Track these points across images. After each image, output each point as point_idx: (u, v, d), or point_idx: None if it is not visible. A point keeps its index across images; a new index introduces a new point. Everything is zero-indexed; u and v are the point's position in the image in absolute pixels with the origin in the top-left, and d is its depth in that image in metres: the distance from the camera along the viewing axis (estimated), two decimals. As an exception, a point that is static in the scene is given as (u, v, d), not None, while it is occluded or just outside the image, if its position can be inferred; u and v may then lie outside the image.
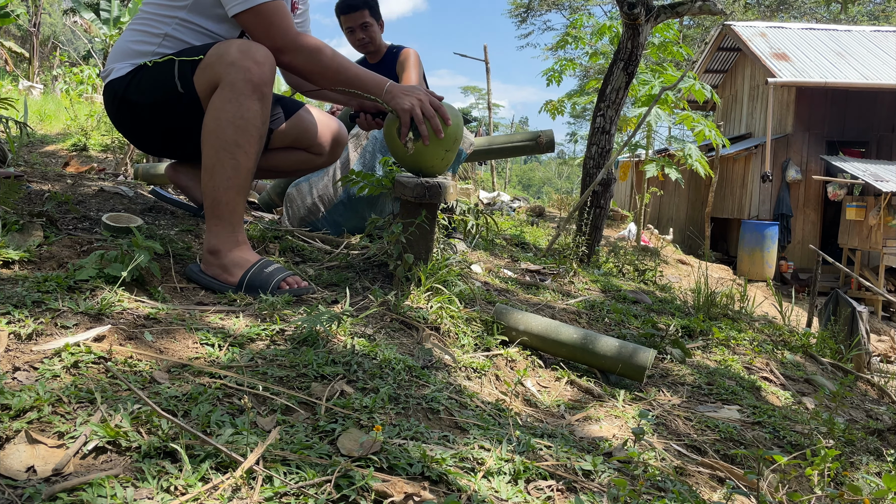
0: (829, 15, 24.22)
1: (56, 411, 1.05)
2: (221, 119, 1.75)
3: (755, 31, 13.85)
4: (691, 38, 23.25)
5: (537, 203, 9.53)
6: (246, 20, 1.87)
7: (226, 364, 1.33)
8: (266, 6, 1.85)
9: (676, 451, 1.57)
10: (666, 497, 1.23)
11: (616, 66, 3.70)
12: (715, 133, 6.54)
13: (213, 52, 1.82)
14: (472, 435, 1.29)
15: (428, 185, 1.95)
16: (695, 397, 2.00)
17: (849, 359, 3.17)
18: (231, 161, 1.76)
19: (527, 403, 1.68)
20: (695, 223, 13.17)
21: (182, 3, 1.97)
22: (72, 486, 0.89)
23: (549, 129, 4.39)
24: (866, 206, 10.82)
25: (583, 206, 3.72)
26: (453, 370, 1.63)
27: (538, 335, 1.93)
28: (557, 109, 8.13)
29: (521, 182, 41.62)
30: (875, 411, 2.34)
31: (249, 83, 1.74)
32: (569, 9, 26.27)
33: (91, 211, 2.37)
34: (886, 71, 12.52)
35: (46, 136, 5.90)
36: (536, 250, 3.86)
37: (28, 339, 1.28)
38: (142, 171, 3.74)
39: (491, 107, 12.91)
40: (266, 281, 1.78)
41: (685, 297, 3.63)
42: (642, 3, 3.52)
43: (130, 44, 2.02)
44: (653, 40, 6.20)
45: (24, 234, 1.84)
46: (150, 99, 1.97)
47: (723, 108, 15.30)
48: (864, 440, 1.89)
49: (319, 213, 2.82)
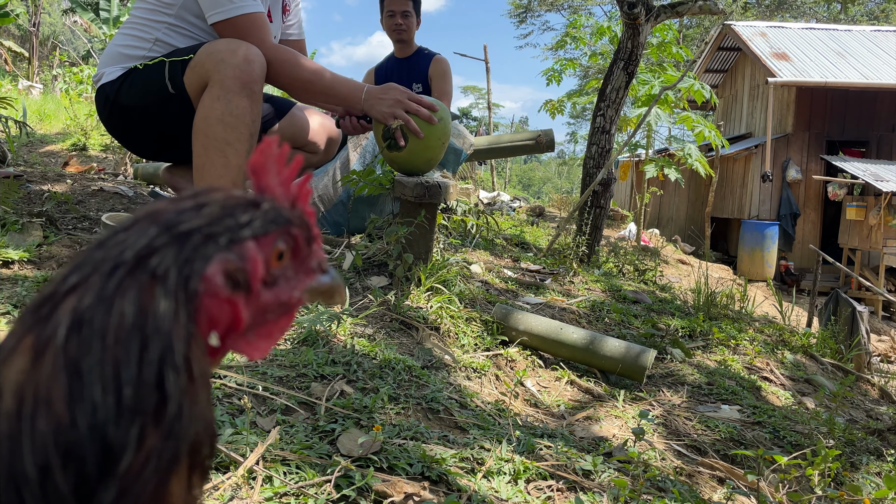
0: (829, 14, 24.23)
1: (56, 411, 1.05)
2: (210, 117, 1.74)
3: (755, 31, 13.84)
4: (691, 37, 23.25)
5: (537, 203, 9.53)
6: (222, 30, 1.88)
7: (225, 364, 1.33)
8: (242, 19, 1.85)
9: (677, 451, 1.57)
10: (666, 497, 1.23)
11: (616, 66, 3.70)
12: (714, 133, 6.54)
13: (202, 51, 1.82)
14: (472, 435, 1.29)
15: (427, 185, 1.94)
16: (695, 397, 1.99)
17: (849, 359, 3.17)
18: (221, 159, 1.75)
19: (527, 403, 1.68)
20: (695, 223, 13.17)
21: (171, 10, 1.97)
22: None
23: (549, 129, 4.39)
24: (866, 206, 10.81)
25: (583, 206, 3.72)
26: (453, 370, 1.63)
27: (538, 335, 1.93)
28: (557, 109, 8.12)
29: (521, 182, 41.62)
30: (875, 411, 2.34)
31: (238, 80, 1.74)
32: (568, 9, 26.27)
33: (91, 211, 2.36)
34: (887, 71, 12.51)
35: (46, 136, 5.90)
36: (537, 250, 3.86)
37: (28, 338, 1.28)
38: (141, 171, 3.74)
39: (491, 106, 12.90)
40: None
41: (685, 297, 3.62)
42: (642, 3, 3.52)
43: (121, 48, 2.02)
44: (652, 40, 6.20)
45: (23, 234, 1.84)
46: (141, 101, 1.96)
47: (723, 107, 15.30)
48: (865, 440, 1.88)
49: (319, 213, 2.82)
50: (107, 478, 0.28)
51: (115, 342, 0.29)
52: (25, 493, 0.27)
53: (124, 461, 0.28)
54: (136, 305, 0.30)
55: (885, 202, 10.28)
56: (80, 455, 0.28)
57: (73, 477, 0.28)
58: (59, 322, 0.29)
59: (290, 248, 0.38)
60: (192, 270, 0.32)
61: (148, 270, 0.31)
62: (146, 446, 0.29)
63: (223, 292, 0.33)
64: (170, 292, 0.31)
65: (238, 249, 0.34)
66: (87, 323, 0.29)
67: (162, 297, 0.31)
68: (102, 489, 0.28)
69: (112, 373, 0.29)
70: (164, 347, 0.30)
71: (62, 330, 0.29)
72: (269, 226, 0.36)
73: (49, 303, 0.30)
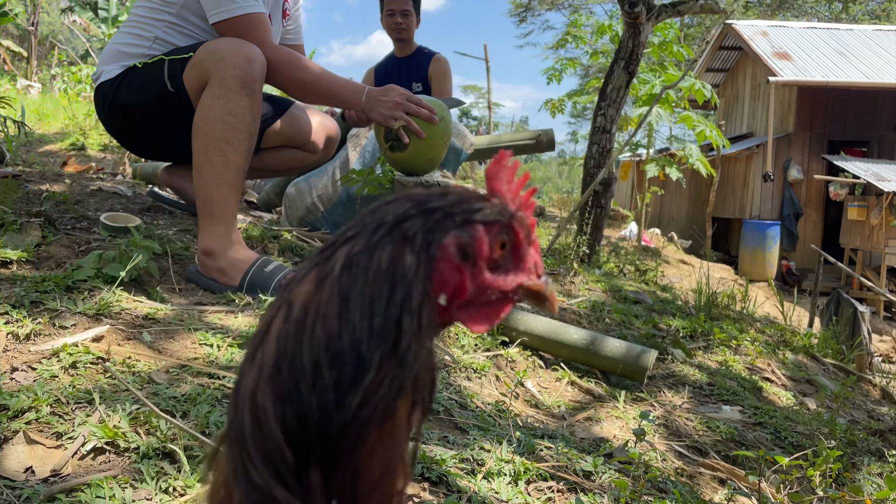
0: (831, 14, 24.21)
1: (54, 412, 1.05)
2: (210, 116, 1.74)
3: (756, 30, 13.83)
4: (692, 37, 23.24)
5: (538, 203, 9.52)
6: (223, 30, 1.87)
7: (224, 364, 1.32)
8: (243, 18, 1.85)
9: (677, 452, 1.57)
10: (667, 498, 1.22)
11: (617, 65, 3.69)
12: (716, 133, 6.53)
13: (202, 50, 1.81)
14: (472, 436, 1.28)
15: (427, 185, 1.94)
16: (696, 398, 1.99)
17: (850, 359, 3.16)
18: (220, 158, 1.75)
19: (527, 404, 1.67)
20: (696, 223, 13.16)
21: (172, 8, 1.97)
22: (70, 486, 0.88)
23: (549, 128, 4.38)
24: (868, 206, 10.80)
25: (584, 206, 3.71)
26: (453, 370, 1.62)
27: (539, 335, 1.93)
28: (558, 108, 8.12)
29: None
30: (877, 412, 2.34)
31: (238, 79, 1.73)
32: (569, 8, 26.25)
33: (89, 211, 2.36)
34: (888, 70, 12.49)
35: (44, 136, 5.89)
36: (537, 250, 3.85)
37: (26, 339, 1.27)
38: (140, 171, 3.73)
39: (491, 106, 12.89)
40: (267, 281, 1.77)
41: (686, 297, 3.62)
42: (643, 2, 3.51)
43: (121, 46, 2.01)
44: (653, 39, 6.19)
45: (22, 234, 1.84)
46: (140, 100, 1.96)
47: (724, 107, 15.28)
48: (866, 441, 1.88)
49: (318, 212, 2.82)
50: (356, 385, 0.37)
51: (374, 281, 0.38)
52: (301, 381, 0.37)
53: (369, 376, 0.37)
54: (390, 257, 0.39)
55: (887, 202, 10.26)
56: (342, 360, 0.37)
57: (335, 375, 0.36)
58: (336, 261, 0.39)
59: (511, 241, 0.45)
60: (433, 238, 0.41)
61: (401, 232, 0.40)
62: (383, 370, 0.37)
63: (454, 260, 0.41)
64: (415, 251, 0.40)
65: (470, 229, 0.42)
66: (356, 264, 0.39)
67: (409, 253, 0.40)
68: (351, 394, 0.36)
69: (368, 304, 0.38)
70: (405, 293, 0.38)
71: (338, 267, 0.39)
72: (496, 216, 0.44)
73: (330, 248, 0.41)
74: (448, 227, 0.41)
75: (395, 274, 0.39)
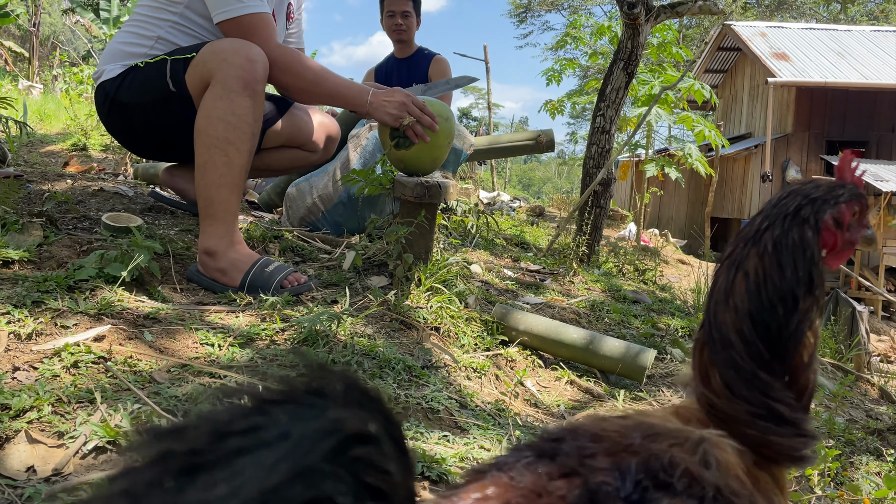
0: (829, 15, 24.23)
1: (56, 411, 1.05)
2: (212, 116, 1.74)
3: (755, 31, 13.84)
4: (691, 38, 23.25)
5: (537, 203, 9.53)
6: (228, 30, 1.88)
7: (226, 364, 1.33)
8: (248, 18, 1.85)
9: (676, 451, 1.57)
10: (666, 497, 1.23)
11: (616, 66, 3.70)
12: (714, 133, 6.54)
13: (205, 50, 1.81)
14: (472, 435, 1.29)
15: (427, 185, 1.95)
16: (695, 397, 1.99)
17: (849, 358, 3.17)
18: (223, 158, 1.75)
19: (527, 403, 1.68)
20: (695, 223, 13.17)
21: (176, 7, 1.97)
22: (72, 486, 0.88)
23: (549, 129, 4.39)
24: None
25: (583, 206, 3.72)
26: (453, 370, 1.63)
27: (538, 335, 1.93)
28: (557, 109, 8.12)
29: (521, 182, 41.61)
30: (875, 411, 2.34)
31: (241, 80, 1.74)
32: (568, 9, 26.27)
33: (91, 211, 2.36)
34: (886, 71, 12.51)
35: (46, 136, 5.90)
36: (537, 250, 3.86)
37: (28, 338, 1.27)
38: (141, 171, 3.73)
39: (491, 106, 12.90)
40: (267, 281, 1.78)
41: (685, 296, 3.62)
42: (642, 3, 3.52)
43: (122, 45, 2.01)
44: (652, 40, 6.20)
45: (23, 234, 1.84)
46: (141, 99, 1.96)
47: (723, 107, 15.30)
48: (864, 440, 1.89)
49: (319, 212, 2.82)
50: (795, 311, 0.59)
51: (793, 250, 0.60)
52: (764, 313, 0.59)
53: (801, 305, 0.59)
54: (798, 234, 0.61)
55: (885, 202, 10.28)
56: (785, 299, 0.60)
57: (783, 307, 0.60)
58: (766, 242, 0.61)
59: (859, 211, 0.66)
60: (819, 216, 0.62)
61: (800, 217, 0.62)
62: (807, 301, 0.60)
63: (832, 228, 0.63)
64: (811, 227, 0.61)
65: (838, 207, 0.63)
66: (781, 243, 0.61)
67: (808, 230, 0.61)
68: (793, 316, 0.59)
69: (792, 264, 0.60)
70: (811, 255, 0.61)
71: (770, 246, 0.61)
72: (851, 197, 0.65)
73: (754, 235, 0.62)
74: (826, 209, 0.63)
75: (803, 244, 0.61)
